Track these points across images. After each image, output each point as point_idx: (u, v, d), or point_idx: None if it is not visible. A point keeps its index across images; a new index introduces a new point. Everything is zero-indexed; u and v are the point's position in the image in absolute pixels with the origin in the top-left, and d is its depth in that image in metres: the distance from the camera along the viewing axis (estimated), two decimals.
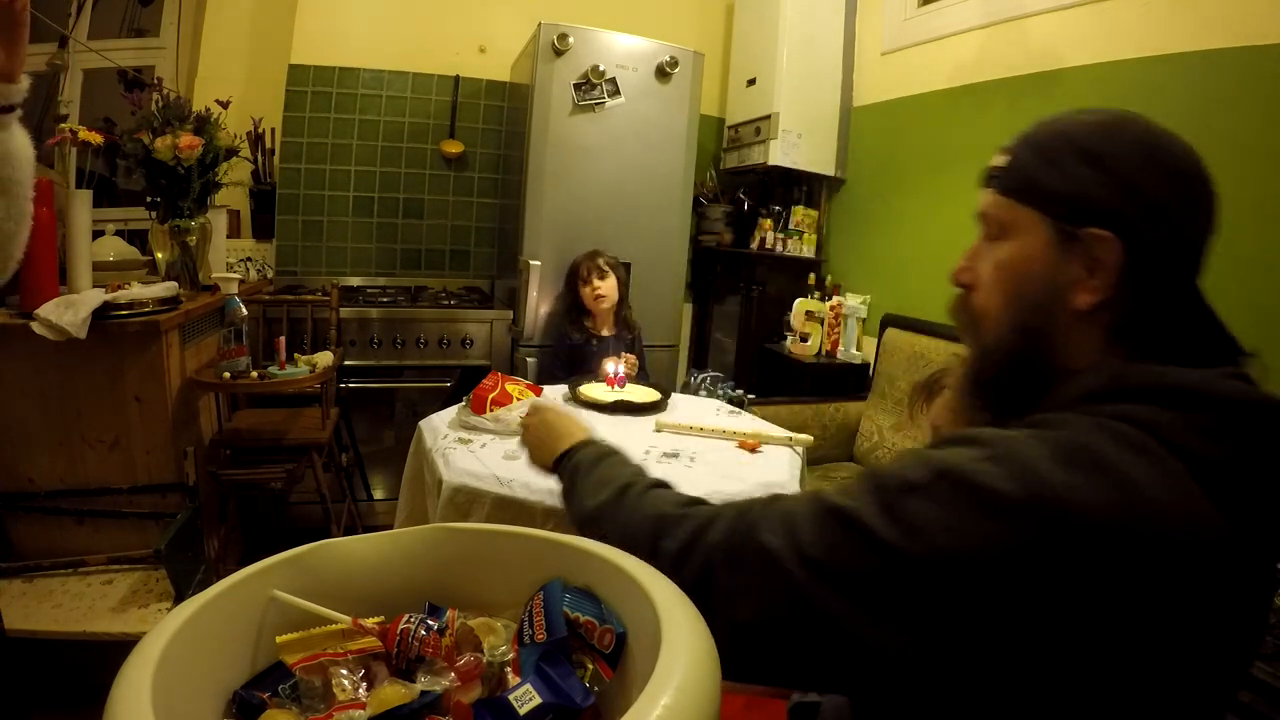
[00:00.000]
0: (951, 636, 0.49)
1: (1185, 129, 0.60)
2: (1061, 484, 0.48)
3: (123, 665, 0.47)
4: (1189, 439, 0.50)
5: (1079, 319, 0.58)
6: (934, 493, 0.51)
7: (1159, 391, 0.53)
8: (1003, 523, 0.48)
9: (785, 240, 2.95)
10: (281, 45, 2.70)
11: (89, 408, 1.69)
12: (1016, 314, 0.61)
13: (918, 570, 0.49)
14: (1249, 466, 0.50)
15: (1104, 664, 0.48)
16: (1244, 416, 0.51)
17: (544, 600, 0.61)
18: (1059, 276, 0.58)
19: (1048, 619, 0.47)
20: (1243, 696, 1.05)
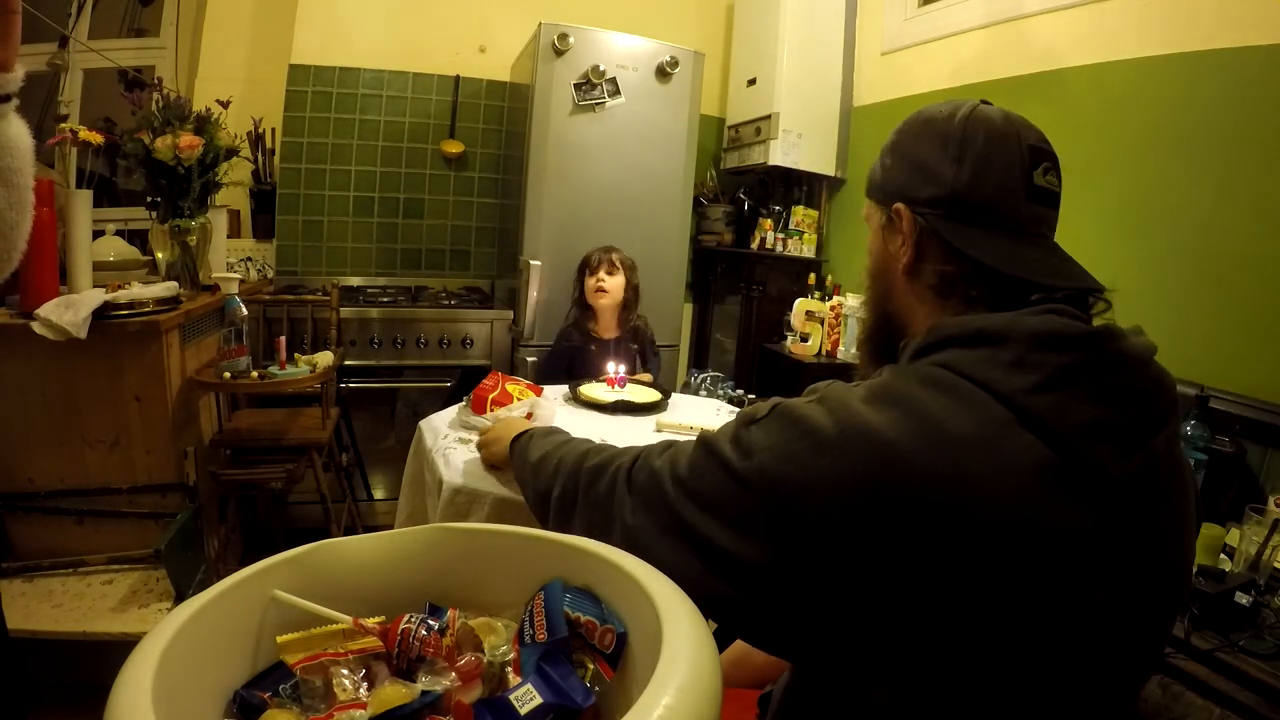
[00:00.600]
0: (790, 550, 0.56)
1: (1185, 129, 0.62)
2: (870, 418, 0.55)
3: (123, 665, 0.47)
4: (993, 373, 0.56)
5: (906, 282, 0.69)
6: (769, 424, 0.61)
7: (966, 336, 0.60)
8: (823, 455, 0.56)
9: (785, 240, 2.95)
10: (281, 45, 2.69)
11: (89, 408, 1.69)
12: (871, 281, 0.76)
13: (752, 488, 0.58)
14: (1059, 390, 0.54)
15: (935, 588, 0.52)
16: (1046, 345, 0.56)
17: (545, 600, 0.61)
18: (888, 249, 0.71)
19: (868, 541, 0.53)
20: (1241, 697, 1.05)
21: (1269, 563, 1.22)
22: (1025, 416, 0.54)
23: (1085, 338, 0.56)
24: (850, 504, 0.53)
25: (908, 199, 0.68)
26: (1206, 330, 1.68)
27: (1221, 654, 1.09)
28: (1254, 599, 1.16)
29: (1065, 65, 2.06)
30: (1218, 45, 1.68)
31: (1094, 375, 0.55)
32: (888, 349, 0.72)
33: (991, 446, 0.53)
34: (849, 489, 0.53)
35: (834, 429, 0.56)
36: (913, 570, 0.52)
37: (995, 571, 0.52)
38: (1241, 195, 1.64)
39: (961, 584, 0.52)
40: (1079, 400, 0.54)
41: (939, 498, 0.52)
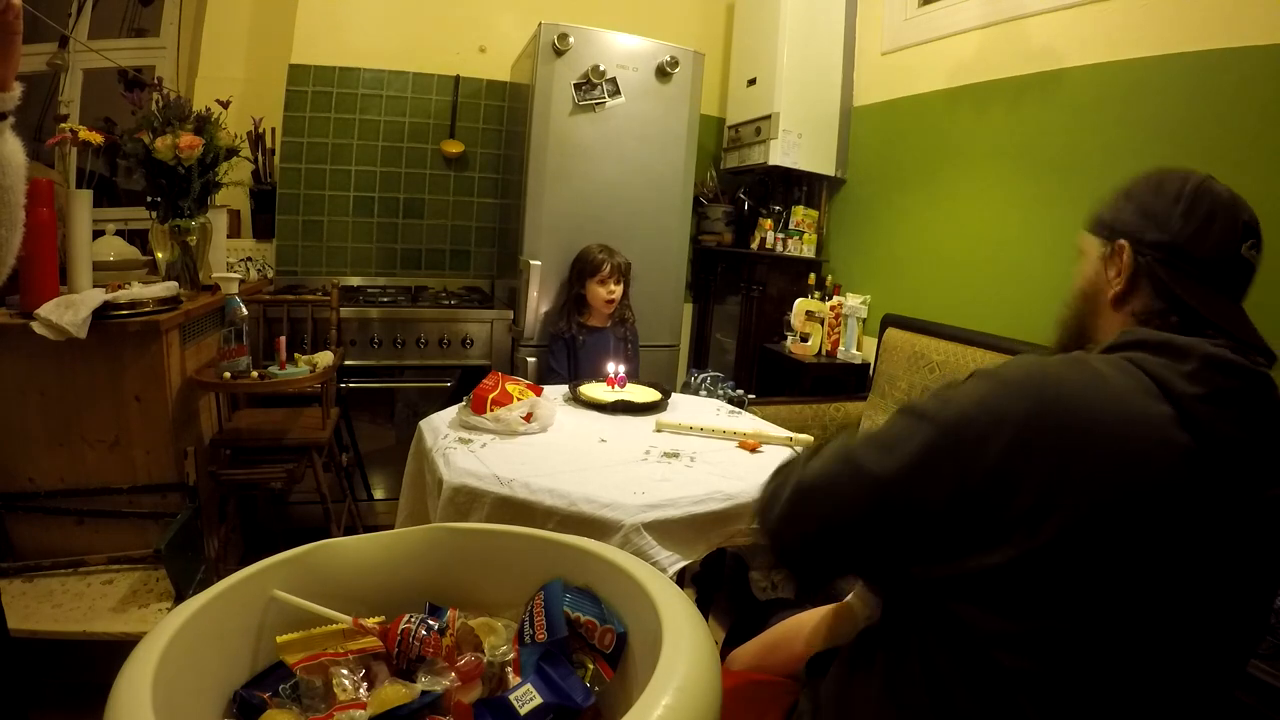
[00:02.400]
0: (968, 488, 0.63)
1: (1185, 129, 0.64)
2: (1052, 367, 0.67)
3: (123, 665, 0.47)
4: (1169, 376, 0.65)
5: (1114, 308, 0.79)
6: (966, 383, 0.70)
7: (1154, 344, 0.69)
8: (1007, 391, 0.66)
9: (785, 240, 2.95)
10: (281, 45, 2.69)
11: (89, 408, 1.69)
12: (1075, 303, 0.85)
13: (945, 428, 0.66)
14: (1217, 406, 0.63)
15: (1082, 541, 0.60)
16: (1219, 369, 0.65)
17: (544, 600, 0.61)
18: (1100, 276, 0.81)
19: (1036, 479, 0.61)
20: (1242, 696, 1.05)
21: None
22: (1186, 418, 0.62)
23: (1249, 372, 0.66)
24: (1025, 440, 0.62)
25: (1132, 238, 0.77)
26: None
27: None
28: None
29: (1065, 65, 2.06)
30: (1218, 45, 1.68)
31: (1246, 406, 0.64)
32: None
33: (1154, 427, 0.62)
34: (1025, 425, 0.62)
35: (1020, 374, 0.66)
36: (1065, 518, 0.60)
37: (1139, 539, 0.61)
38: (1243, 195, 1.64)
39: (1107, 542, 0.60)
40: (1230, 421, 0.63)
41: (1103, 448, 0.61)
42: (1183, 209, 0.75)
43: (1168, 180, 0.78)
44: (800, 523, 0.74)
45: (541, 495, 1.20)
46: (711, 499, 1.26)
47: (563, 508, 1.18)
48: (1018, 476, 0.61)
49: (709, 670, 0.50)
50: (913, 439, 0.67)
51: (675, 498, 1.24)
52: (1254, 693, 1.05)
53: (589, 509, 1.18)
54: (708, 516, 1.25)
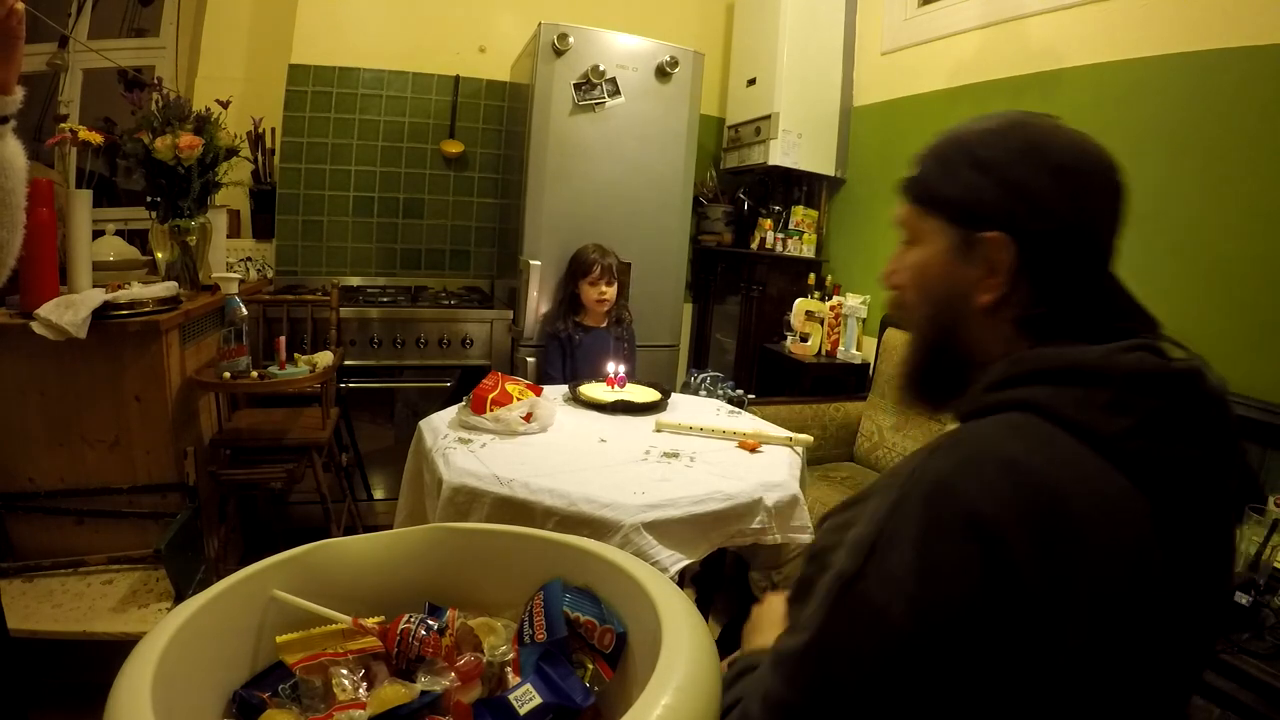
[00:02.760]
0: (945, 670, 0.49)
1: (1185, 129, 0.62)
2: (960, 488, 0.50)
3: (123, 665, 0.47)
4: (1090, 415, 0.53)
5: (985, 316, 0.62)
6: (890, 555, 0.51)
7: (1055, 372, 0.56)
8: (943, 543, 0.49)
9: (785, 240, 2.95)
10: (281, 45, 2.69)
11: (89, 408, 1.69)
12: (929, 311, 0.66)
13: (901, 642, 0.49)
14: (1155, 434, 0.53)
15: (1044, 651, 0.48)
16: (1144, 387, 0.53)
17: (544, 600, 0.61)
18: (961, 278, 0.63)
19: (1014, 630, 0.48)
20: (1242, 697, 1.05)
21: (1269, 563, 1.22)
22: (1121, 460, 0.52)
23: (1179, 379, 0.55)
24: (989, 550, 0.48)
25: (1009, 229, 0.60)
26: (1206, 330, 1.68)
27: (1222, 654, 1.09)
28: (1254, 599, 1.16)
29: (1065, 65, 2.06)
30: (1218, 45, 1.68)
31: (1187, 417, 0.54)
32: (947, 385, 0.66)
33: (1102, 501, 0.51)
34: (982, 536, 0.49)
35: (940, 511, 0.50)
36: (1039, 652, 0.48)
37: (1110, 635, 0.50)
38: (1242, 195, 1.65)
39: (1077, 658, 0.49)
40: (1172, 442, 0.53)
41: (1039, 546, 0.48)
42: (1070, 186, 0.59)
43: (1038, 146, 0.60)
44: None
45: (541, 495, 1.20)
46: (711, 499, 1.26)
47: (563, 508, 1.18)
48: (1004, 637, 0.48)
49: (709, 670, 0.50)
50: (860, 681, 0.50)
51: (675, 498, 1.24)
52: (1254, 692, 1.05)
53: (589, 509, 1.18)
54: (708, 516, 1.25)
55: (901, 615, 0.49)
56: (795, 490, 1.38)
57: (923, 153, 0.67)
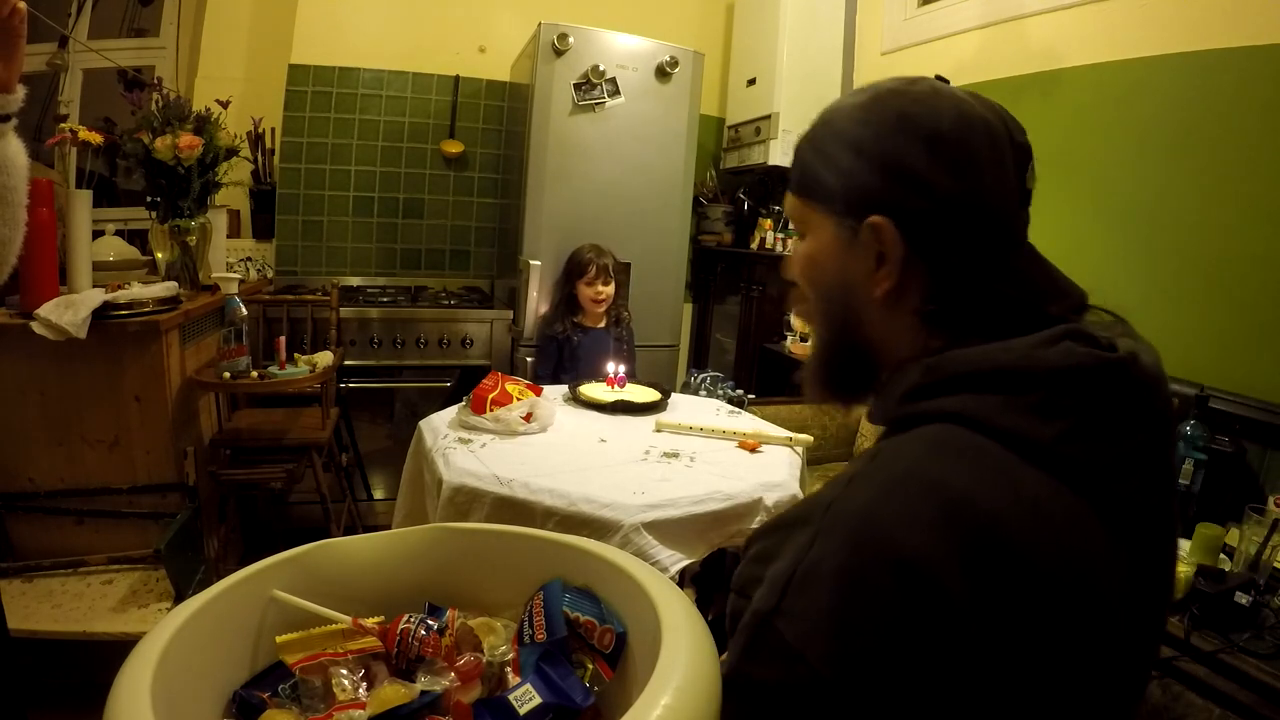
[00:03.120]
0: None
1: (1185, 129, 0.61)
2: (886, 523, 0.46)
3: (123, 665, 0.47)
4: (1019, 421, 0.48)
5: (884, 308, 0.57)
6: (797, 604, 0.47)
7: (975, 376, 0.51)
8: (870, 583, 0.45)
9: (785, 240, 2.94)
10: (281, 45, 2.69)
11: (89, 408, 1.69)
12: (823, 306, 0.62)
13: (825, 686, 0.45)
14: (1092, 434, 0.49)
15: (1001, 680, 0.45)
16: (1075, 384, 0.49)
17: (544, 600, 0.61)
18: (852, 269, 0.58)
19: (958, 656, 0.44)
20: (1242, 697, 1.05)
21: (1269, 563, 1.22)
22: (1057, 466, 0.48)
23: (1111, 370, 0.50)
24: (915, 588, 0.44)
25: (888, 212, 0.54)
26: (1207, 330, 1.68)
27: (1222, 654, 1.09)
28: (1254, 599, 1.16)
29: (1065, 65, 2.06)
30: (1218, 45, 1.68)
31: (1120, 407, 0.50)
32: (853, 382, 0.64)
33: (1038, 510, 0.47)
34: (907, 575, 0.44)
35: (873, 555, 0.45)
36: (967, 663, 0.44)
37: (1050, 636, 0.46)
38: (1242, 195, 1.65)
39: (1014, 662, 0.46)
40: (1109, 439, 0.49)
41: (982, 579, 0.44)
42: (946, 160, 0.53)
43: (911, 117, 0.54)
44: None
45: (541, 495, 1.20)
46: (711, 499, 1.26)
47: (563, 508, 1.18)
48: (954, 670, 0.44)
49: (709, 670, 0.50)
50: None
51: (675, 498, 1.24)
52: (1254, 692, 1.05)
53: (589, 509, 1.18)
54: (708, 516, 1.25)
55: (819, 659, 0.45)
56: (795, 490, 1.38)
57: (800, 139, 0.62)
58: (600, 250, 2.31)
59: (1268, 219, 1.59)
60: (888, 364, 0.60)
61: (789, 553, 0.49)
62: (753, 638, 0.48)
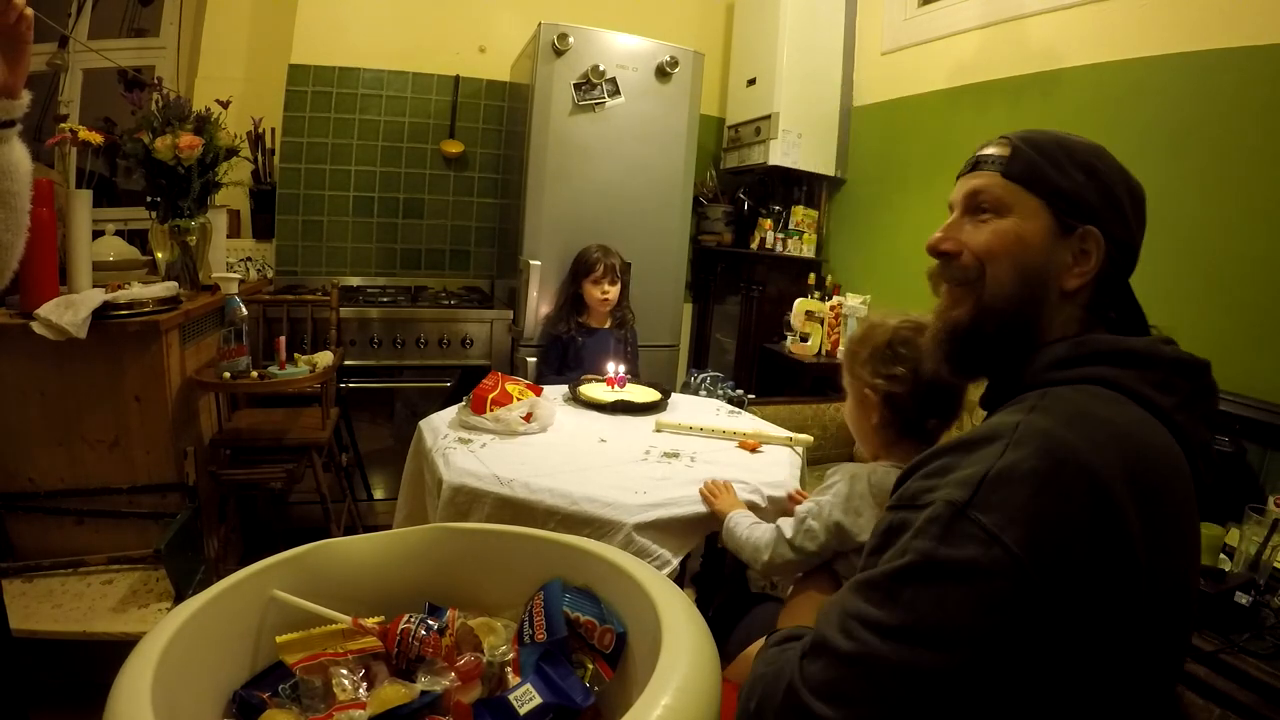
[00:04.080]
0: (1056, 616, 0.53)
1: (1185, 129, 0.64)
2: (1073, 442, 0.56)
3: (123, 665, 0.47)
4: (1147, 390, 0.63)
5: (1065, 297, 0.70)
6: (1003, 497, 0.55)
7: (1115, 354, 0.66)
8: (1059, 484, 0.55)
9: (785, 240, 2.95)
10: (281, 45, 2.69)
11: (89, 408, 1.69)
12: (1020, 279, 0.70)
13: (1016, 568, 0.52)
14: (1190, 412, 0.64)
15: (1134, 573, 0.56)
16: (1181, 372, 0.66)
17: (544, 600, 0.61)
18: (1054, 258, 0.69)
19: (1117, 563, 0.55)
20: (1241, 697, 1.05)
21: (1269, 563, 1.22)
22: (1173, 428, 0.63)
23: (1200, 369, 0.67)
24: (1109, 522, 0.55)
25: (1103, 228, 0.69)
26: (1207, 330, 1.68)
27: (1222, 654, 1.09)
28: (1254, 599, 1.16)
29: (1064, 65, 2.06)
30: (1217, 45, 1.68)
31: (1204, 401, 0.66)
32: (1005, 353, 0.71)
33: (1157, 448, 0.61)
34: (1105, 511, 0.55)
35: (1055, 461, 0.55)
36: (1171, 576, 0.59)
37: (1180, 568, 0.61)
38: (1243, 195, 1.65)
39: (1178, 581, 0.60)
40: (1198, 420, 0.65)
41: (1173, 493, 0.60)
42: (1135, 207, 0.72)
43: (1124, 171, 0.73)
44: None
45: (542, 495, 1.20)
46: None
47: (563, 508, 1.18)
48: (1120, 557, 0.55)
49: (708, 670, 0.50)
50: (964, 600, 0.53)
51: (675, 498, 1.24)
52: (1254, 692, 1.05)
53: (589, 509, 1.18)
54: (708, 516, 1.25)
55: (1017, 542, 0.52)
56: (794, 487, 1.38)
57: (1012, 137, 0.73)
58: (608, 250, 2.31)
59: (1268, 219, 1.59)
60: (1028, 343, 0.70)
61: (975, 462, 0.58)
62: (947, 525, 0.55)
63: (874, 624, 0.55)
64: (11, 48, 0.87)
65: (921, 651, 0.53)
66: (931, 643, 0.53)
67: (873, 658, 0.54)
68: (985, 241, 0.71)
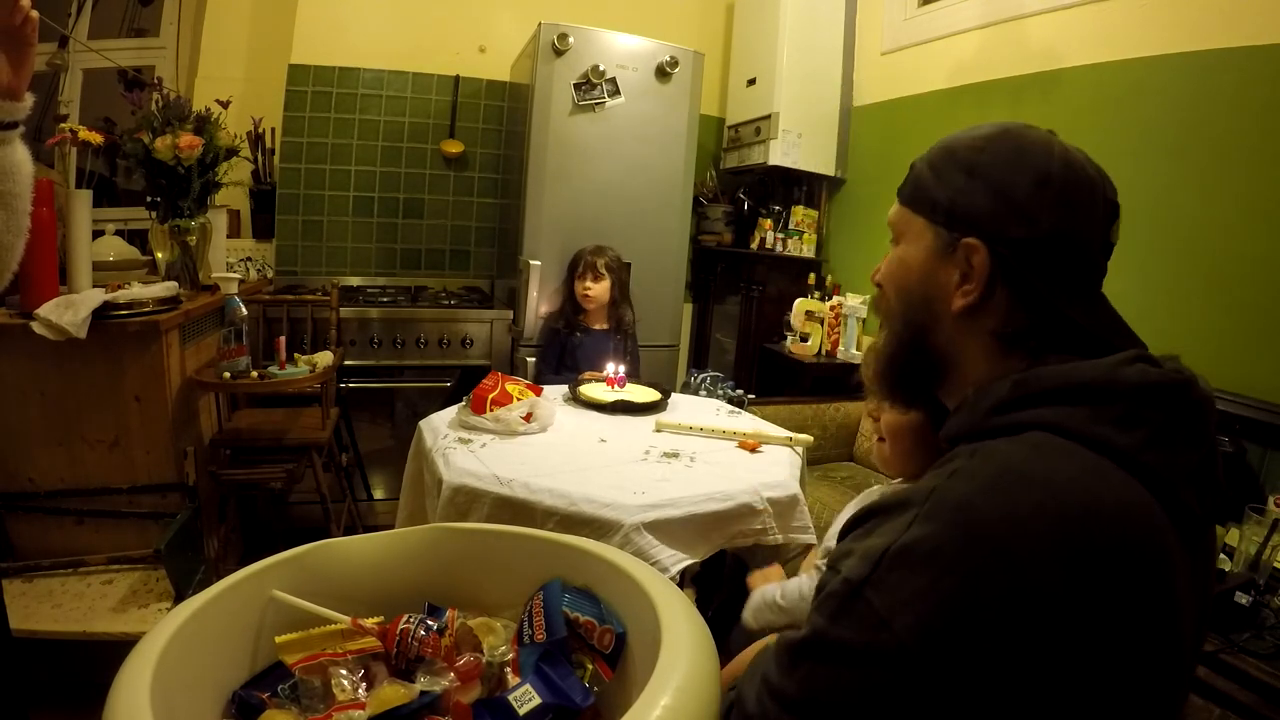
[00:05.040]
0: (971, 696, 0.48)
1: (1185, 129, 0.62)
2: (988, 515, 0.49)
3: (123, 665, 0.47)
4: (1104, 430, 0.53)
5: (959, 321, 0.62)
6: (892, 575, 0.50)
7: (1065, 391, 0.55)
8: (969, 567, 0.48)
9: (785, 240, 2.95)
10: (281, 45, 2.69)
11: (89, 408, 1.69)
12: (904, 307, 0.66)
13: (910, 658, 0.48)
14: (1164, 444, 0.53)
15: (1074, 668, 0.48)
16: (1149, 399, 0.54)
17: (544, 600, 0.61)
18: (938, 279, 0.63)
19: (1047, 643, 0.47)
20: (1241, 697, 1.05)
21: (1269, 563, 1.22)
22: (1138, 470, 0.52)
23: (1179, 389, 0.56)
24: (1026, 614, 0.47)
25: (987, 234, 0.60)
26: (1207, 330, 1.68)
27: (1222, 654, 1.09)
28: (1254, 599, 1.16)
29: (1064, 65, 2.06)
30: (1217, 45, 1.68)
31: (1186, 424, 0.55)
32: (918, 383, 0.68)
33: (1139, 520, 0.51)
34: (1022, 602, 0.47)
35: (957, 541, 0.49)
36: (1050, 647, 0.48)
37: (1136, 642, 0.50)
38: (1242, 195, 1.65)
39: (1107, 661, 0.49)
40: (1177, 451, 0.54)
41: (1073, 561, 0.48)
42: (1054, 196, 0.59)
43: (1028, 153, 0.60)
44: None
45: (541, 495, 1.20)
46: (711, 499, 1.26)
47: (563, 508, 1.18)
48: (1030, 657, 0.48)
49: (708, 670, 0.50)
50: (851, 685, 0.50)
51: (675, 498, 1.24)
52: (1254, 692, 1.05)
53: (589, 509, 1.18)
54: (708, 517, 1.25)
55: (905, 629, 0.48)
56: (795, 490, 1.38)
57: (918, 159, 0.69)
58: (600, 249, 2.32)
59: (1267, 219, 1.59)
60: (953, 377, 0.65)
61: (886, 532, 0.53)
62: (841, 604, 0.52)
63: (777, 693, 0.54)
64: (15, 49, 0.87)
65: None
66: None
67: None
68: (883, 272, 0.69)
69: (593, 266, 2.29)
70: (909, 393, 0.70)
